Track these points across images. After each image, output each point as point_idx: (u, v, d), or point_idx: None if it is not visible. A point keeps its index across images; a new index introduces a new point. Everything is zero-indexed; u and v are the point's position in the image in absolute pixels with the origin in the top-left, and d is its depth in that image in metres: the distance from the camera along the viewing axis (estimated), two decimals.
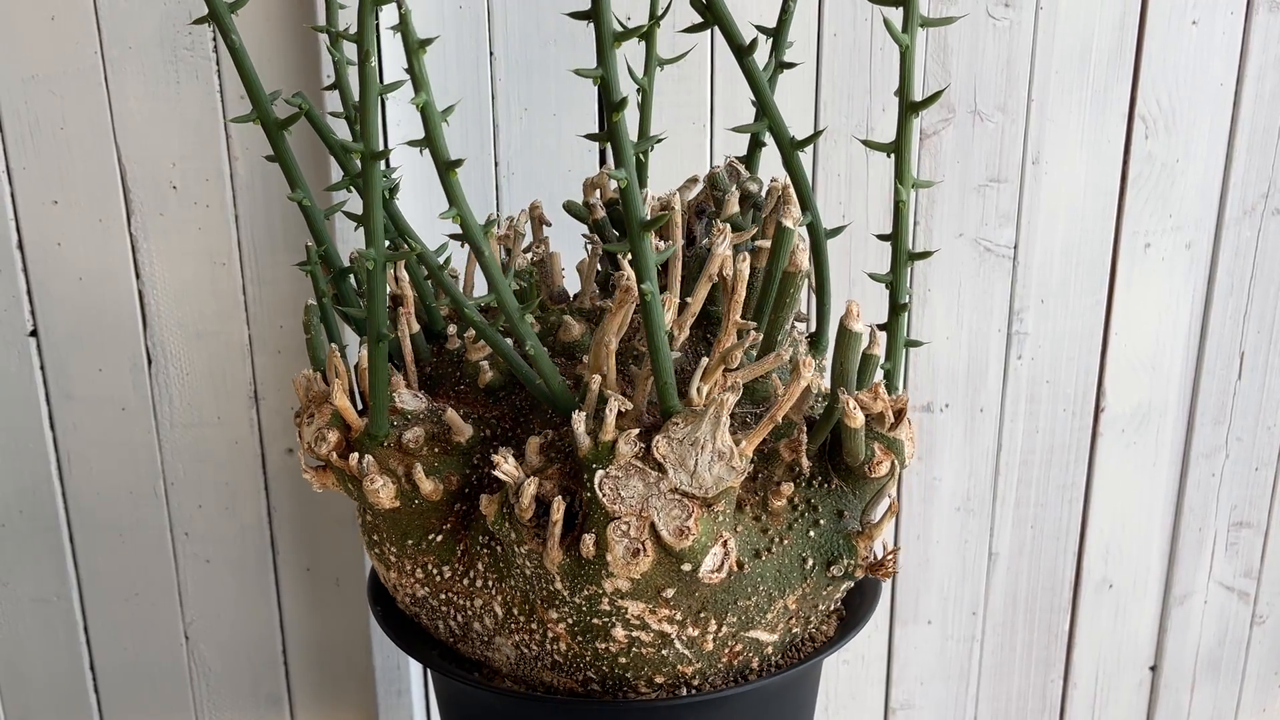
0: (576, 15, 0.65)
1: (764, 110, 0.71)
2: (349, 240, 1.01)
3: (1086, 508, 1.19)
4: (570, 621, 0.70)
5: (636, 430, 0.67)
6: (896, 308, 0.74)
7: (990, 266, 1.10)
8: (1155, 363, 1.15)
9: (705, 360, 0.68)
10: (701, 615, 0.70)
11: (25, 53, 0.99)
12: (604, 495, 0.66)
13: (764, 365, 0.68)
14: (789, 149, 0.71)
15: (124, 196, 1.03)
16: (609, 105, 0.63)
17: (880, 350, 0.72)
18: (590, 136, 0.69)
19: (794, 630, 0.75)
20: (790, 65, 0.79)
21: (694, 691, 0.72)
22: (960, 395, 1.14)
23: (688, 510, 0.66)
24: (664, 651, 0.71)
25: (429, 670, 0.78)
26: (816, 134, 0.73)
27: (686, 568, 0.67)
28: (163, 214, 1.03)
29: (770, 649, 0.74)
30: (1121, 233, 1.10)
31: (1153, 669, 1.27)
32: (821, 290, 0.78)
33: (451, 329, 0.79)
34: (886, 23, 0.67)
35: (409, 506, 0.73)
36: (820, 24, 1.01)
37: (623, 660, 0.71)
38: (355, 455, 0.72)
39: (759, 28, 0.77)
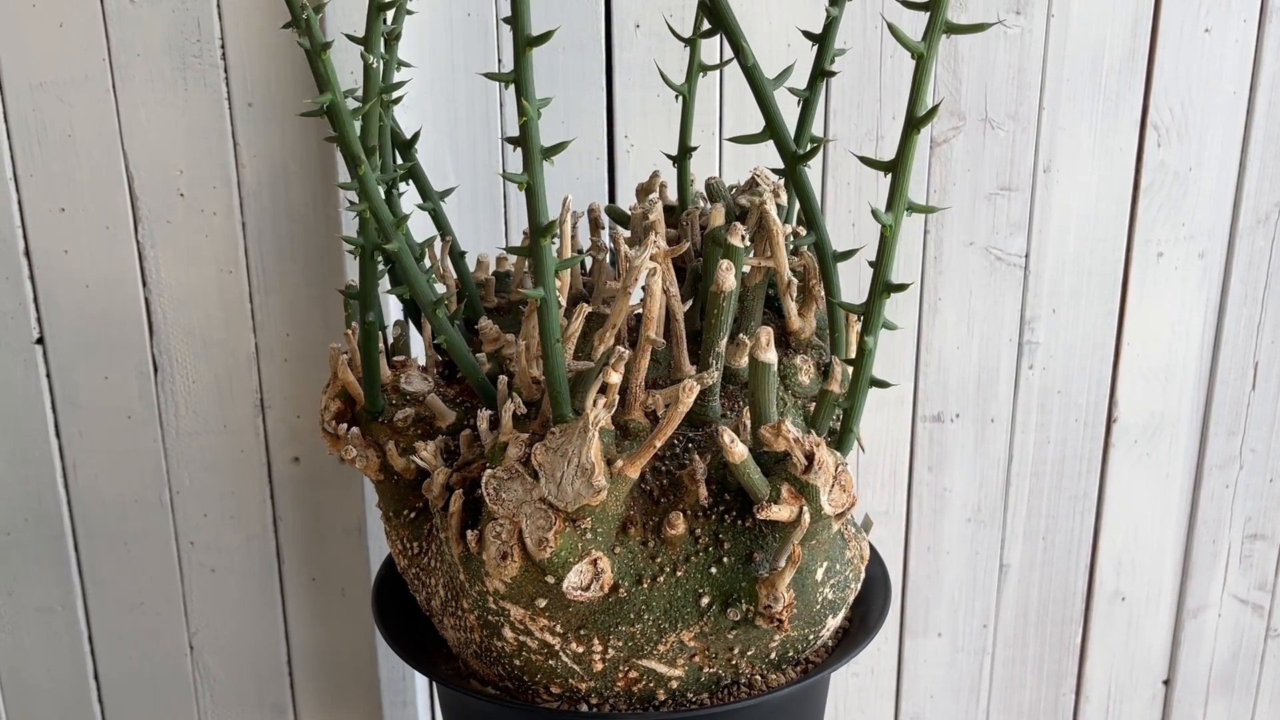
0: (533, 42, 0.63)
1: (767, 121, 0.70)
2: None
3: (1099, 519, 1.18)
4: (476, 614, 0.72)
5: (527, 435, 0.67)
6: (863, 344, 0.68)
7: (1001, 275, 1.09)
8: (1168, 373, 1.14)
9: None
10: (582, 632, 0.69)
11: (33, 59, 0.98)
12: (488, 495, 0.67)
13: (676, 390, 0.67)
14: (791, 162, 0.69)
15: (131, 204, 1.02)
16: (520, 108, 0.63)
17: (839, 387, 0.69)
18: (510, 140, 0.67)
19: (707, 670, 0.71)
20: (831, 74, 0.76)
21: (593, 708, 0.72)
22: (971, 405, 1.13)
23: (550, 521, 0.65)
24: (551, 662, 0.70)
25: (434, 683, 0.78)
26: (814, 149, 0.71)
27: (550, 580, 0.67)
28: (170, 221, 1.03)
29: (676, 684, 0.71)
30: (1134, 242, 1.09)
31: (1166, 683, 1.26)
32: (832, 311, 0.76)
33: (483, 320, 0.80)
34: (893, 30, 0.64)
35: (390, 481, 0.76)
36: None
37: (518, 662, 0.72)
38: (343, 425, 0.76)
39: (806, 34, 0.74)
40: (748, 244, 0.70)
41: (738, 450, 0.65)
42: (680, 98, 0.82)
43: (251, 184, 1.02)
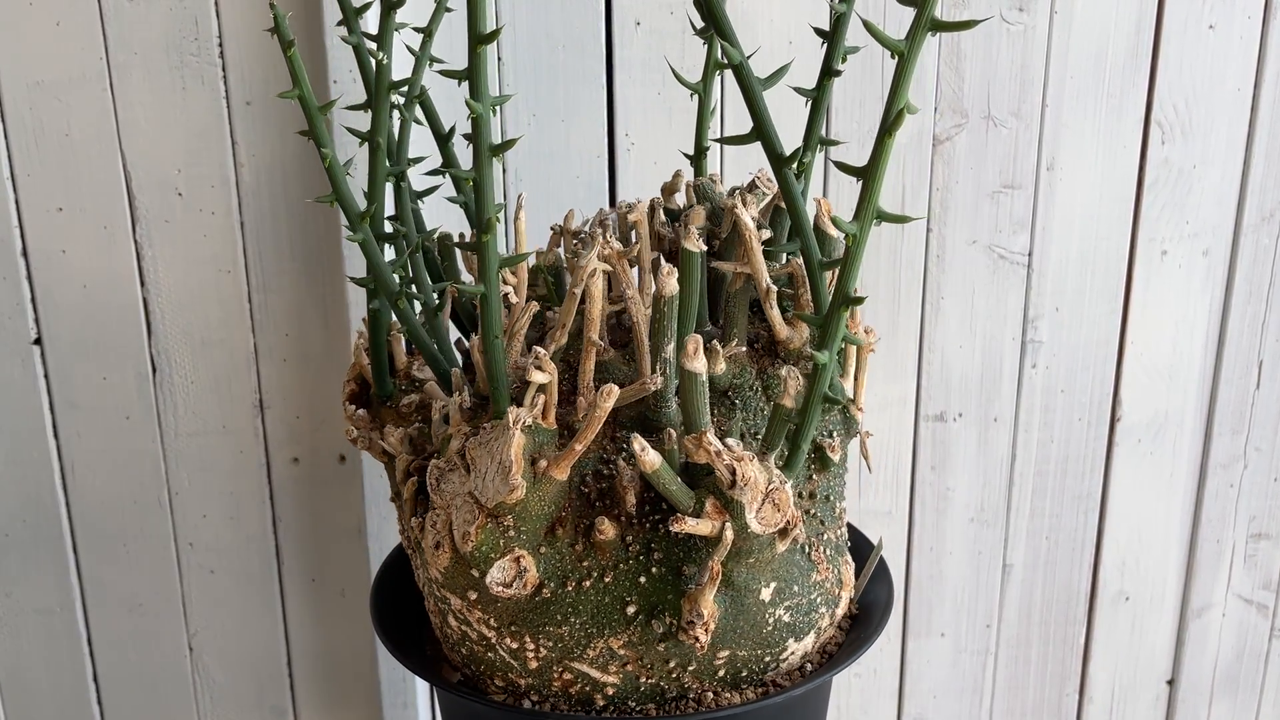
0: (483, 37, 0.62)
1: (755, 121, 0.67)
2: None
3: (1102, 519, 1.18)
4: (431, 600, 0.73)
5: (469, 427, 0.68)
6: (818, 361, 0.65)
7: (1004, 274, 1.08)
8: (1172, 371, 1.14)
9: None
10: (513, 628, 0.69)
11: (30, 58, 0.98)
12: (430, 484, 0.68)
13: (629, 391, 0.67)
14: (777, 164, 0.67)
15: (129, 203, 1.02)
16: (469, 105, 0.63)
17: (792, 402, 0.67)
18: (466, 136, 0.66)
19: (646, 680, 0.70)
20: (838, 73, 0.74)
21: (535, 705, 0.72)
22: (974, 404, 1.12)
23: (474, 516, 0.66)
24: (491, 654, 0.71)
25: (434, 688, 0.77)
26: (797, 152, 0.67)
27: (475, 574, 0.67)
28: (168, 221, 1.02)
29: (612, 690, 0.70)
30: (1137, 240, 1.09)
31: (1170, 683, 1.26)
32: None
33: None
34: (871, 28, 0.60)
35: (391, 464, 0.77)
36: None
37: (464, 650, 0.72)
38: (352, 406, 0.78)
39: (817, 30, 0.73)
40: (702, 248, 0.68)
41: (648, 458, 0.63)
42: (695, 95, 0.81)
43: (250, 183, 1.01)
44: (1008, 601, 1.20)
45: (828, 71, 0.71)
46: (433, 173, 0.77)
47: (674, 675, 0.70)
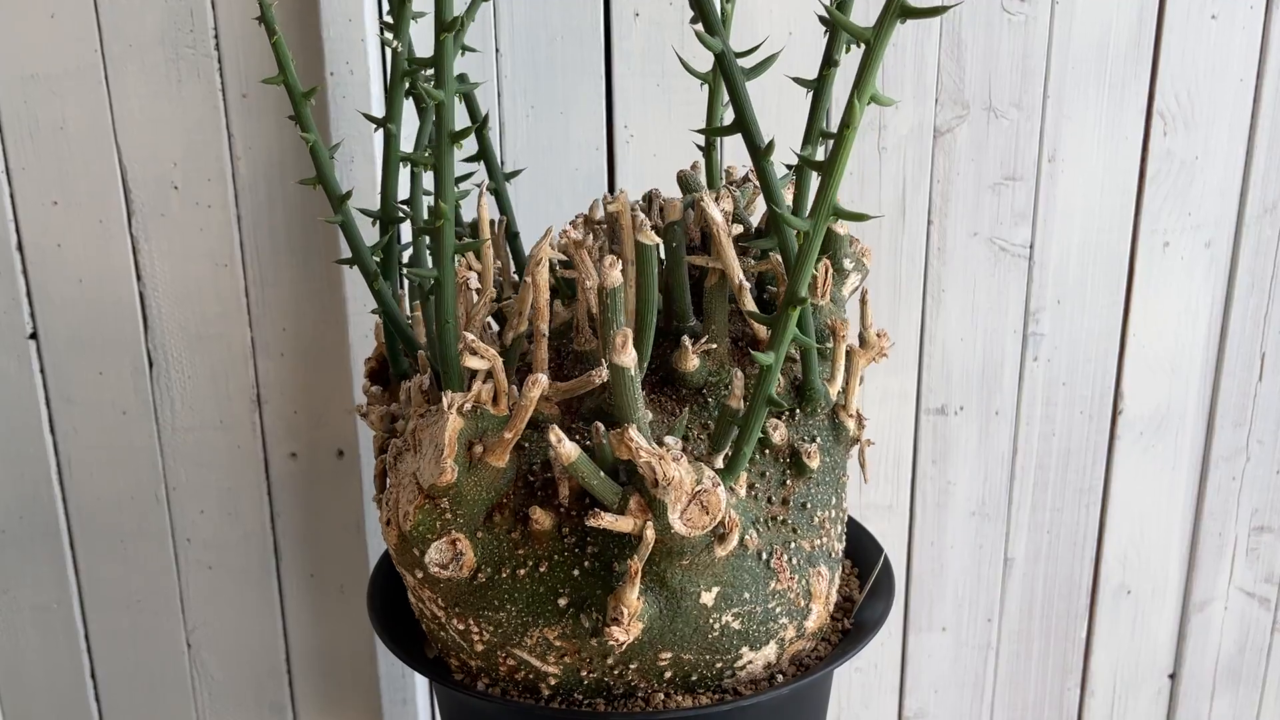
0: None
1: (736, 111, 0.65)
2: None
3: (1104, 512, 1.17)
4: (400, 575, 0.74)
5: (426, 409, 0.69)
6: (761, 363, 0.63)
7: (1005, 266, 1.08)
8: (1174, 364, 1.13)
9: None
10: (457, 610, 0.69)
11: (25, 51, 0.97)
12: (388, 463, 0.70)
13: (575, 383, 0.68)
14: (757, 156, 0.65)
15: (125, 197, 1.01)
16: (430, 94, 0.64)
17: (737, 403, 0.65)
18: (426, 147, 0.68)
19: (588, 674, 0.69)
20: (837, 63, 0.72)
21: (487, 689, 0.72)
22: (975, 398, 1.12)
23: (414, 496, 0.67)
24: (443, 633, 0.71)
25: (432, 682, 0.77)
26: (772, 145, 0.65)
27: (416, 552, 0.68)
28: (164, 215, 1.02)
29: (554, 681, 0.70)
30: (1139, 231, 1.08)
31: (1172, 677, 1.25)
32: (801, 323, 0.71)
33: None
34: (835, 16, 0.57)
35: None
36: None
37: (425, 626, 0.74)
38: (367, 383, 0.81)
39: (822, 19, 0.71)
40: (657, 241, 0.67)
41: (564, 450, 0.62)
42: (705, 85, 0.80)
43: (246, 176, 1.01)
44: (1009, 596, 1.19)
45: (829, 62, 0.70)
46: (405, 159, 0.77)
47: (616, 671, 0.69)
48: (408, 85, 0.75)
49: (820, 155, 0.76)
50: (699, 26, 0.65)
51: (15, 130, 0.99)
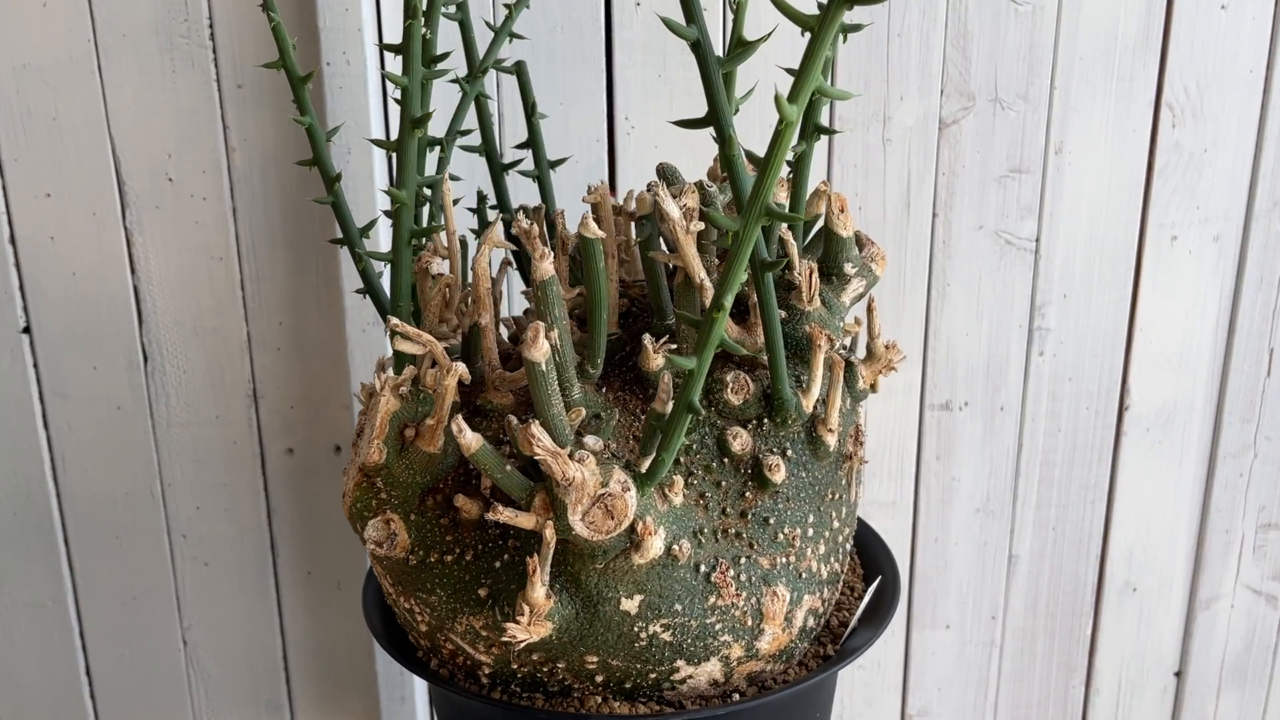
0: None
1: (710, 104, 0.63)
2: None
3: (1110, 509, 1.16)
4: None
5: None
6: (681, 368, 0.60)
7: (1011, 260, 1.07)
8: (1181, 359, 1.12)
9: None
10: (401, 588, 0.70)
11: (17, 41, 0.96)
12: (353, 440, 0.72)
13: (515, 376, 0.69)
14: (727, 148, 0.62)
15: (118, 189, 1.00)
16: (395, 80, 0.64)
17: (662, 407, 0.64)
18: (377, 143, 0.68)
19: (520, 669, 0.69)
20: (855, 28, 0.70)
21: (435, 671, 0.73)
22: (980, 393, 1.11)
23: (354, 473, 0.69)
24: (397, 609, 0.73)
25: (429, 684, 0.76)
26: (730, 139, 0.62)
27: (358, 528, 0.69)
28: (158, 207, 1.00)
29: (489, 670, 0.70)
30: (1147, 225, 1.07)
31: (1177, 675, 1.24)
32: (768, 328, 0.68)
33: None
34: (777, 2, 0.54)
35: None
36: None
37: (388, 602, 0.75)
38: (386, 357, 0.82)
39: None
40: (600, 235, 0.65)
41: (464, 440, 0.61)
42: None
43: (242, 168, 0.99)
44: (1013, 593, 1.18)
45: (842, 29, 0.68)
46: (379, 142, 0.78)
47: (546, 669, 0.69)
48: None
49: (822, 157, 0.74)
50: (662, 19, 0.63)
51: (7, 121, 0.98)
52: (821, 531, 0.72)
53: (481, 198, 0.88)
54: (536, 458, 0.60)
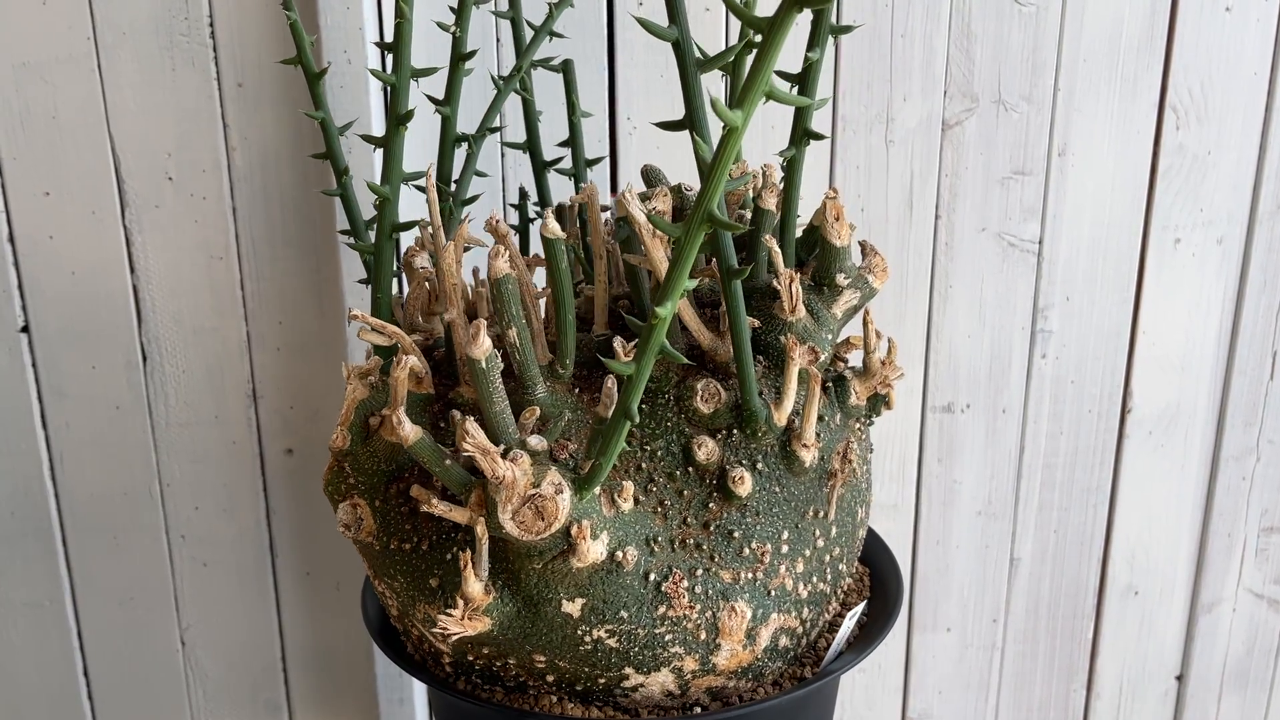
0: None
1: (688, 107, 0.62)
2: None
3: (1112, 512, 1.16)
4: None
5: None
6: (620, 373, 0.60)
7: (1014, 262, 1.06)
8: (1184, 362, 1.11)
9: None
10: (372, 570, 0.72)
11: (16, 39, 0.96)
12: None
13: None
14: (699, 150, 0.61)
15: (118, 188, 1.00)
16: (381, 78, 0.64)
17: (606, 412, 0.64)
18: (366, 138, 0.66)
19: (475, 660, 0.70)
20: (811, 59, 0.71)
21: (411, 652, 0.73)
22: (982, 395, 1.10)
23: (330, 457, 0.72)
24: (375, 592, 0.76)
25: (429, 688, 0.76)
26: (697, 141, 0.61)
27: (333, 509, 0.72)
28: (158, 206, 1.00)
29: (449, 659, 0.71)
30: (1150, 227, 1.07)
31: (1179, 678, 1.24)
32: (737, 338, 0.67)
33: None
34: (731, 4, 0.53)
35: None
36: (839, 9, 0.98)
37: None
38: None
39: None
40: (560, 234, 0.65)
41: (403, 431, 0.62)
42: (726, 76, 0.79)
43: (242, 167, 0.99)
44: (1015, 596, 1.18)
45: (812, 48, 0.69)
46: (367, 138, 0.79)
47: (497, 663, 0.69)
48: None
49: (824, 155, 0.74)
50: (634, 18, 0.63)
51: (7, 119, 0.98)
52: (800, 549, 0.70)
53: (523, 194, 0.89)
54: (465, 453, 0.60)
